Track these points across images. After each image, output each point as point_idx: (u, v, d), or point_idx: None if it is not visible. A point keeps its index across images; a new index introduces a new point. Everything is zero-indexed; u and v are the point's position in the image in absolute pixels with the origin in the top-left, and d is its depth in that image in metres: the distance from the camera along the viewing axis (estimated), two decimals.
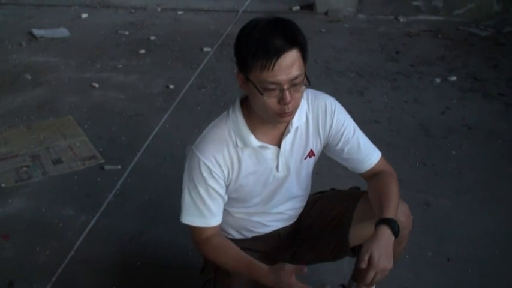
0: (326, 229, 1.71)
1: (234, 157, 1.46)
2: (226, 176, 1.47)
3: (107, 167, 2.92)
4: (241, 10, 5.71)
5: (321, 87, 1.63)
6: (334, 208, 1.71)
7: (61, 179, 2.85)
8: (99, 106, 3.67)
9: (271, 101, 1.32)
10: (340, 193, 1.81)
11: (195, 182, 1.45)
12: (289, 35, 1.28)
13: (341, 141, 1.56)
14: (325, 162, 1.83)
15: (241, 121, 1.44)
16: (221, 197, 1.50)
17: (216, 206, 1.49)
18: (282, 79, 1.28)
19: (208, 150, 1.43)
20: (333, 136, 1.56)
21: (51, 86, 4.00)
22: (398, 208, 1.49)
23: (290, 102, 1.31)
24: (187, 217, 1.49)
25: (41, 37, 4.98)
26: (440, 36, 4.94)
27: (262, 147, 1.47)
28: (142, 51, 4.65)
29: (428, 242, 2.32)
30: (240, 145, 1.45)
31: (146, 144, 3.16)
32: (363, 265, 1.34)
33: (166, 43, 4.85)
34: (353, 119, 1.60)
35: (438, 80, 3.98)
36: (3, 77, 4.12)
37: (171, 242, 2.34)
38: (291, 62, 1.28)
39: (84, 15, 5.64)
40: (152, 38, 4.96)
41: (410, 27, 5.22)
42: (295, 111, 1.39)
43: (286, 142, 1.49)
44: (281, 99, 1.31)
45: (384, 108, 3.59)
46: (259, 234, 1.69)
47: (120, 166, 2.93)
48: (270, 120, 1.40)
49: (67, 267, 2.24)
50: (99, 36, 5.05)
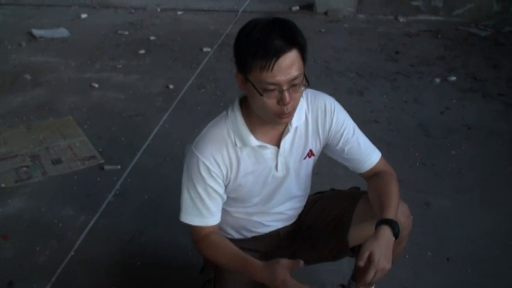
0: (326, 229, 1.71)
1: (233, 157, 1.46)
2: (225, 176, 1.48)
3: (107, 167, 2.92)
4: (240, 10, 5.71)
5: (321, 87, 1.63)
6: (334, 208, 1.71)
7: (61, 179, 2.85)
8: (98, 106, 3.67)
9: (270, 102, 1.32)
10: (340, 193, 1.81)
11: (194, 182, 1.46)
12: (288, 36, 1.28)
13: (341, 141, 1.56)
14: (325, 162, 1.83)
15: (240, 121, 1.44)
16: (220, 197, 1.50)
17: (215, 206, 1.49)
18: (282, 80, 1.28)
19: (207, 149, 1.44)
20: (333, 136, 1.56)
21: (50, 86, 4.00)
22: (398, 208, 1.49)
23: (289, 102, 1.31)
24: (186, 216, 1.49)
25: (41, 37, 4.97)
26: (439, 36, 4.94)
27: (261, 146, 1.47)
28: (142, 51, 4.65)
29: (428, 242, 2.32)
30: (239, 145, 1.45)
31: (146, 144, 3.16)
32: (362, 263, 1.34)
33: (166, 43, 4.85)
34: (353, 119, 1.59)
35: (438, 80, 3.98)
36: (3, 77, 4.12)
37: (171, 242, 2.34)
38: (291, 63, 1.28)
39: (83, 15, 5.64)
40: (152, 38, 4.96)
41: (410, 27, 5.22)
42: (293, 111, 1.39)
43: (285, 142, 1.49)
44: (280, 99, 1.31)
45: (384, 108, 3.59)
46: (258, 234, 1.69)
47: (119, 166, 2.93)
48: (269, 121, 1.40)
49: (67, 267, 2.24)
50: (98, 36, 5.04)
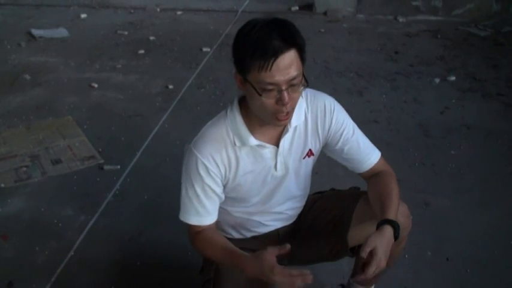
0: (325, 229, 1.71)
1: (232, 156, 1.46)
2: (223, 175, 1.48)
3: (106, 167, 2.92)
4: (240, 10, 5.72)
5: (320, 87, 1.62)
6: (333, 208, 1.71)
7: (60, 179, 2.85)
8: (98, 106, 3.67)
9: (269, 102, 1.31)
10: (339, 193, 1.81)
11: (192, 180, 1.46)
12: (287, 36, 1.28)
13: (340, 141, 1.56)
14: (324, 162, 1.83)
15: (239, 120, 1.44)
16: (217, 196, 1.50)
17: (212, 205, 1.50)
18: (280, 80, 1.28)
19: (206, 149, 1.44)
20: (332, 136, 1.56)
21: (50, 86, 4.00)
22: (398, 209, 1.49)
23: (288, 103, 1.31)
24: (183, 214, 1.51)
25: (40, 37, 4.97)
26: (439, 36, 4.94)
27: (260, 146, 1.47)
28: (141, 51, 4.65)
29: (427, 242, 2.32)
30: (238, 144, 1.45)
31: (145, 144, 3.16)
32: (364, 254, 1.32)
33: (165, 43, 4.85)
34: (352, 119, 1.59)
35: (437, 80, 3.98)
36: (2, 77, 4.12)
37: (171, 242, 2.34)
38: (289, 63, 1.28)
39: (83, 15, 5.64)
40: (151, 38, 4.96)
41: (409, 27, 5.22)
42: (292, 112, 1.39)
43: (284, 141, 1.50)
44: (279, 100, 1.31)
45: (383, 108, 3.60)
46: (258, 233, 1.69)
47: (119, 166, 2.93)
48: (268, 121, 1.40)
49: (66, 267, 2.24)
50: (98, 36, 5.04)
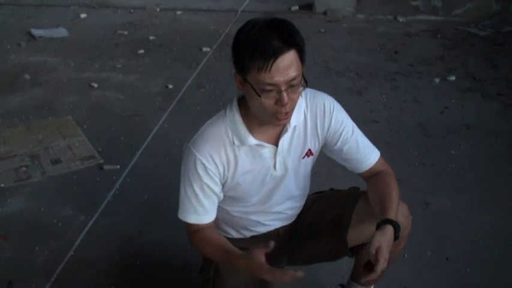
0: (325, 229, 1.71)
1: (231, 155, 1.46)
2: (221, 174, 1.48)
3: (106, 167, 2.92)
4: (240, 10, 5.71)
5: (320, 87, 1.62)
6: (333, 208, 1.71)
7: (60, 179, 2.85)
8: (98, 106, 3.67)
9: (268, 102, 1.31)
10: (339, 193, 1.81)
11: (191, 179, 1.46)
12: (287, 36, 1.28)
13: (339, 140, 1.56)
14: (324, 161, 1.83)
15: (238, 120, 1.44)
16: (216, 195, 1.50)
17: (210, 204, 1.50)
18: (280, 80, 1.28)
19: (204, 148, 1.44)
20: (332, 136, 1.55)
21: (50, 86, 4.00)
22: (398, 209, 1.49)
23: (287, 103, 1.31)
24: (182, 213, 1.51)
25: (40, 37, 4.97)
26: (439, 36, 4.94)
27: (259, 145, 1.47)
28: (141, 51, 4.65)
29: (427, 242, 2.32)
30: (237, 143, 1.45)
31: (145, 144, 3.16)
32: (373, 250, 1.32)
33: (165, 43, 4.85)
34: (352, 119, 1.59)
35: (437, 80, 3.98)
36: (2, 77, 4.12)
37: (170, 242, 2.34)
38: (289, 64, 1.28)
39: (83, 15, 5.64)
40: (151, 38, 4.96)
41: (409, 27, 5.22)
42: (291, 112, 1.39)
43: (283, 141, 1.49)
44: (278, 100, 1.31)
45: (383, 108, 3.59)
46: (258, 233, 1.69)
47: (119, 166, 2.93)
48: (267, 121, 1.40)
49: (66, 266, 2.24)
50: (98, 36, 5.04)
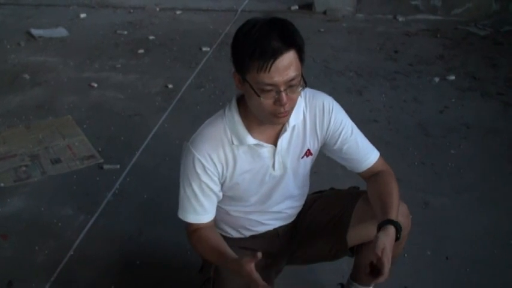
0: (325, 229, 1.71)
1: (229, 155, 1.46)
2: (220, 174, 1.48)
3: (106, 167, 2.92)
4: (239, 10, 5.71)
5: (320, 86, 1.63)
6: (333, 208, 1.71)
7: (60, 179, 2.85)
8: (98, 106, 3.67)
9: (267, 102, 1.32)
10: (339, 193, 1.81)
11: (189, 179, 1.46)
12: (286, 36, 1.28)
13: (339, 140, 1.56)
14: (324, 161, 1.83)
15: (237, 120, 1.44)
16: (214, 194, 1.51)
17: (209, 203, 1.50)
18: (279, 81, 1.28)
19: (203, 147, 1.44)
20: (331, 135, 1.55)
21: (49, 86, 3.99)
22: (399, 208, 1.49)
23: (286, 103, 1.31)
24: (181, 212, 1.52)
25: (40, 37, 4.97)
26: (438, 35, 4.94)
27: (258, 145, 1.47)
28: (141, 50, 4.65)
29: (427, 241, 2.32)
30: (236, 143, 1.45)
31: (145, 143, 3.16)
32: (379, 252, 1.31)
33: (164, 43, 4.85)
34: (352, 119, 1.59)
35: (437, 79, 3.98)
36: (1, 77, 4.11)
37: (170, 241, 2.34)
38: (288, 64, 1.28)
39: (82, 15, 5.63)
40: (151, 38, 4.95)
41: (409, 26, 5.22)
42: (291, 111, 1.39)
43: (282, 141, 1.49)
44: (277, 100, 1.31)
45: (383, 107, 3.59)
46: (257, 232, 1.69)
47: (119, 165, 2.93)
48: (266, 121, 1.40)
49: (66, 266, 2.24)
50: (97, 36, 5.04)
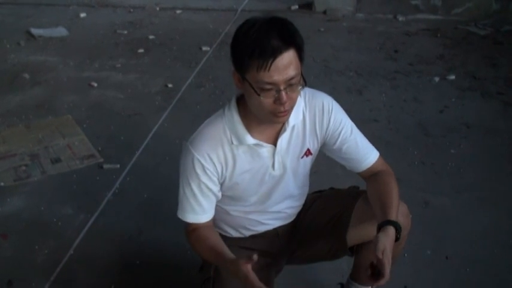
0: (324, 228, 1.70)
1: (229, 155, 1.46)
2: (220, 173, 1.48)
3: (106, 166, 2.92)
4: (239, 9, 5.71)
5: (320, 86, 1.62)
6: (332, 207, 1.71)
7: (60, 178, 2.85)
8: (97, 105, 3.67)
9: (267, 101, 1.31)
10: (339, 192, 1.80)
11: (189, 178, 1.46)
12: (286, 35, 1.28)
13: (338, 140, 1.56)
14: (324, 161, 1.83)
15: (236, 119, 1.44)
16: (213, 194, 1.51)
17: (208, 203, 1.50)
18: (279, 79, 1.28)
19: (202, 147, 1.44)
20: (330, 135, 1.55)
21: (49, 85, 3.99)
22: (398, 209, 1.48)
23: (286, 102, 1.31)
24: (180, 212, 1.52)
25: (40, 36, 4.97)
26: (439, 35, 4.94)
27: (257, 145, 1.47)
28: (141, 50, 4.65)
29: (427, 241, 2.32)
30: (235, 143, 1.45)
31: (145, 143, 3.16)
32: (380, 254, 1.31)
33: (164, 42, 4.85)
34: (352, 118, 1.59)
35: (437, 79, 3.98)
36: (1, 77, 4.11)
37: (170, 241, 2.34)
38: (288, 63, 1.28)
39: (82, 14, 5.63)
40: (151, 37, 4.95)
41: (409, 26, 5.22)
42: (291, 110, 1.39)
43: (282, 140, 1.49)
44: (277, 99, 1.31)
45: (383, 107, 3.59)
46: (257, 232, 1.69)
47: (119, 165, 2.93)
48: (266, 119, 1.39)
49: (66, 266, 2.24)
50: (97, 35, 5.04)
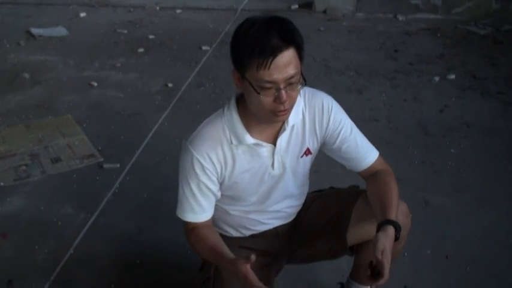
0: (324, 228, 1.70)
1: (228, 154, 1.46)
2: (219, 173, 1.48)
3: (106, 166, 2.92)
4: (239, 9, 5.71)
5: (320, 85, 1.63)
6: (332, 207, 1.71)
7: (60, 178, 2.85)
8: (97, 105, 3.67)
9: (267, 100, 1.31)
10: (338, 191, 1.80)
11: (188, 178, 1.46)
12: (285, 34, 1.28)
13: (338, 139, 1.56)
14: (324, 160, 1.83)
15: (236, 119, 1.44)
16: (213, 194, 1.51)
17: (207, 202, 1.50)
18: (279, 78, 1.28)
19: (202, 146, 1.44)
20: (330, 135, 1.55)
21: (49, 85, 3.99)
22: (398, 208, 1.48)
23: (286, 101, 1.31)
24: (179, 211, 1.52)
25: (40, 36, 4.97)
26: (439, 34, 4.94)
27: (257, 144, 1.47)
28: (140, 49, 4.64)
29: (427, 240, 2.32)
30: (235, 142, 1.45)
31: (145, 142, 3.16)
32: (379, 254, 1.31)
33: (164, 42, 4.85)
34: (352, 118, 1.59)
35: (437, 79, 3.98)
36: (1, 76, 4.11)
37: (170, 240, 2.34)
38: (288, 61, 1.28)
39: (82, 14, 5.63)
40: (151, 37, 4.95)
41: (409, 25, 5.22)
42: (290, 109, 1.39)
43: (281, 140, 1.49)
44: (277, 98, 1.31)
45: (383, 106, 3.59)
46: (257, 232, 1.69)
47: (119, 164, 2.93)
48: (265, 119, 1.39)
49: (66, 265, 2.24)
50: (97, 35, 5.04)
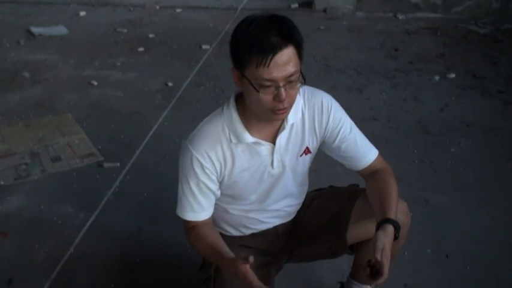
0: (324, 226, 1.70)
1: (228, 153, 1.46)
2: (218, 172, 1.48)
3: (106, 165, 2.92)
4: (239, 8, 5.71)
5: (320, 84, 1.62)
6: (332, 205, 1.71)
7: (60, 177, 2.85)
8: (97, 104, 3.67)
9: (266, 98, 1.31)
10: (338, 190, 1.80)
11: (187, 177, 1.47)
12: (285, 32, 1.28)
13: (337, 138, 1.55)
14: (323, 159, 1.83)
15: (235, 118, 1.44)
16: (212, 193, 1.51)
17: (207, 201, 1.50)
18: (278, 76, 1.28)
19: (201, 145, 1.44)
20: (330, 134, 1.55)
21: (49, 84, 3.99)
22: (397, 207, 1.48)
23: (285, 99, 1.31)
24: (179, 210, 1.52)
25: (39, 35, 4.97)
26: (439, 33, 4.94)
27: (256, 143, 1.47)
28: (140, 49, 4.65)
29: (427, 239, 2.32)
30: (234, 141, 1.45)
31: (145, 141, 3.16)
32: (378, 254, 1.31)
33: (164, 41, 4.85)
34: (352, 117, 1.59)
35: (437, 78, 3.98)
36: (1, 75, 4.11)
37: (170, 240, 2.34)
38: (287, 59, 1.28)
39: (82, 13, 5.64)
40: (151, 36, 4.95)
41: (409, 24, 5.22)
42: (290, 108, 1.38)
43: (281, 139, 1.49)
44: (276, 96, 1.30)
45: (383, 105, 3.59)
46: (256, 230, 1.69)
47: (119, 164, 2.93)
48: (265, 117, 1.39)
49: (66, 264, 2.24)
50: (97, 34, 5.04)
